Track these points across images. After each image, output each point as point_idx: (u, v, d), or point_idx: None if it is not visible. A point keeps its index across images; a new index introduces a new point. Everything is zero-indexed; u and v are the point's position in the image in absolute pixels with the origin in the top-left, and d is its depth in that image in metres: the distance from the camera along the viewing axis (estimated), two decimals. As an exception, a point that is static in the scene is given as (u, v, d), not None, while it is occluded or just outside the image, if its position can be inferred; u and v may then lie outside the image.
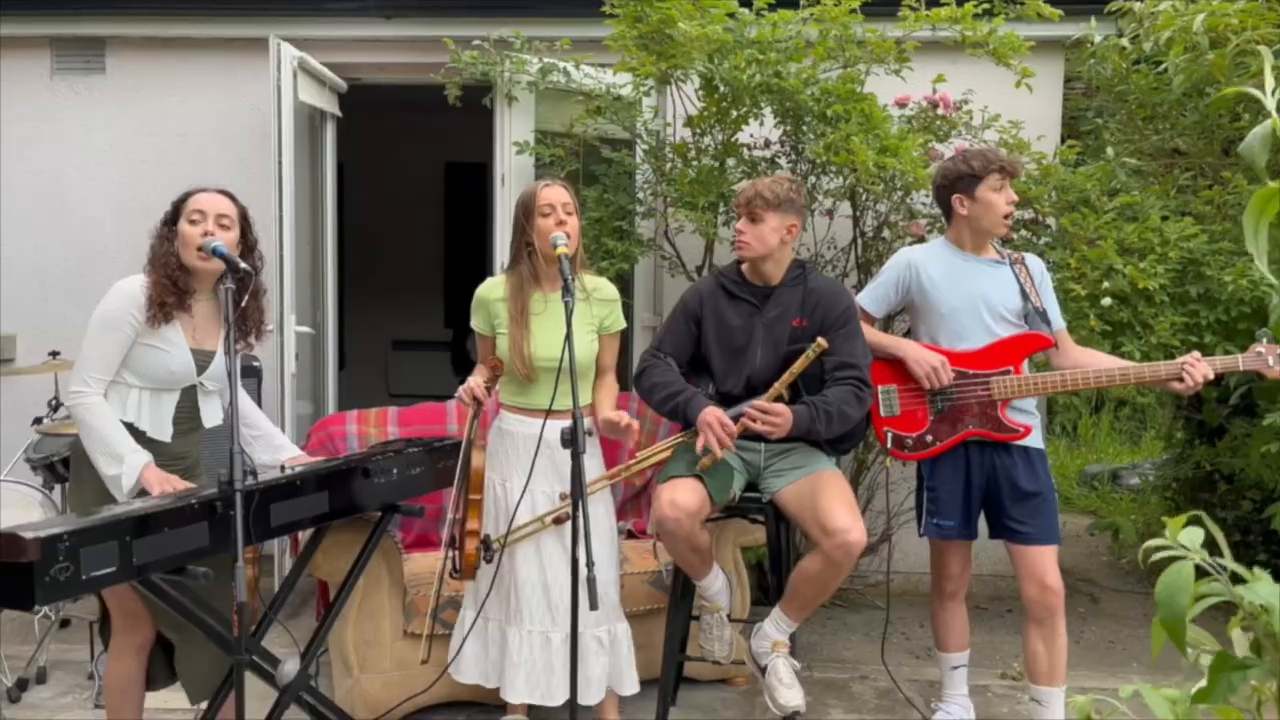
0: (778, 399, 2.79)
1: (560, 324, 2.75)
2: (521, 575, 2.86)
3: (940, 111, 3.83)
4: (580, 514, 2.46)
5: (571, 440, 2.49)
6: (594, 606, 2.38)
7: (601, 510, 2.91)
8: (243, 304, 2.56)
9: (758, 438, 2.86)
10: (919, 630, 4.16)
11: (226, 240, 2.56)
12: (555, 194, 2.82)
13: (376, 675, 3.19)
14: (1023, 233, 3.94)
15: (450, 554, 2.88)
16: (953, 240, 3.07)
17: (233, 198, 2.65)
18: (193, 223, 2.55)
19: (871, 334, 3.09)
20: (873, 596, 4.47)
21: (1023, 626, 3.04)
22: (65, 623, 3.95)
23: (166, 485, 2.49)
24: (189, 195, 2.60)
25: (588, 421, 2.87)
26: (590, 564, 2.39)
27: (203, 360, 2.65)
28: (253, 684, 2.50)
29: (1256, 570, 1.12)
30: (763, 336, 2.89)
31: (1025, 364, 3.00)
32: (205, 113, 4.69)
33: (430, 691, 3.13)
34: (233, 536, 2.15)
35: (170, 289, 2.52)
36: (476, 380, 2.83)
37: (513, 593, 2.87)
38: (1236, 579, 1.10)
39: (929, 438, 3.00)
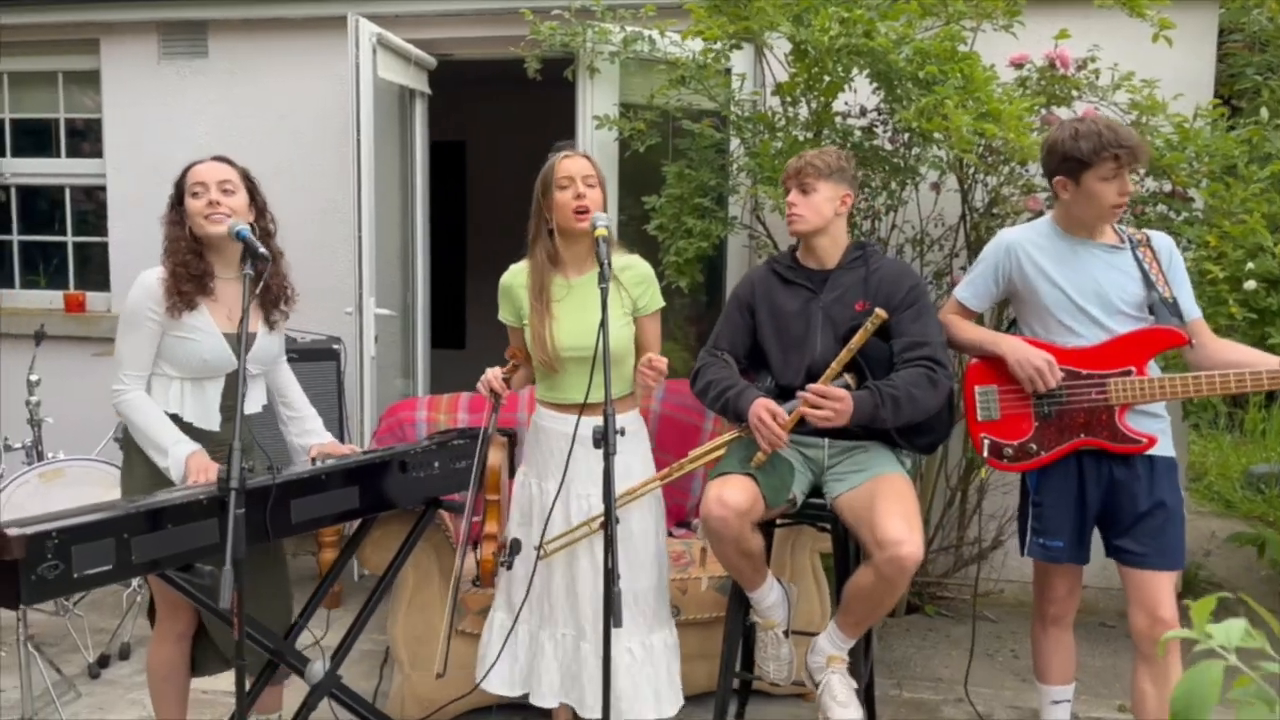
0: (836, 382, 2.50)
1: (584, 309, 2.57)
2: (555, 581, 2.67)
3: (1060, 71, 3.39)
4: (611, 522, 2.25)
5: (603, 439, 2.28)
6: (617, 624, 2.17)
7: (646, 512, 2.68)
8: (262, 282, 2.50)
9: (821, 432, 2.59)
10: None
11: (235, 205, 2.49)
12: (575, 165, 2.59)
13: (427, 672, 3.07)
14: (1159, 208, 3.47)
15: (474, 556, 2.73)
16: (1058, 220, 2.67)
17: (230, 162, 2.56)
18: (195, 195, 2.47)
19: (966, 329, 2.75)
20: (982, 607, 4.09)
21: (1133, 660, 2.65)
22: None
23: (201, 476, 2.42)
24: (186, 170, 2.52)
25: (629, 417, 2.66)
26: (615, 579, 2.19)
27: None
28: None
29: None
30: (822, 322, 2.61)
31: (1150, 363, 2.60)
32: (302, 94, 4.68)
33: (480, 691, 3.00)
34: (228, 538, 2.03)
35: (186, 276, 2.44)
36: (495, 371, 2.63)
37: (545, 598, 2.69)
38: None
39: (1032, 446, 2.64)
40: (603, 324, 2.34)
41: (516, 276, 2.73)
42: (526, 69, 3.93)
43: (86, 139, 5.12)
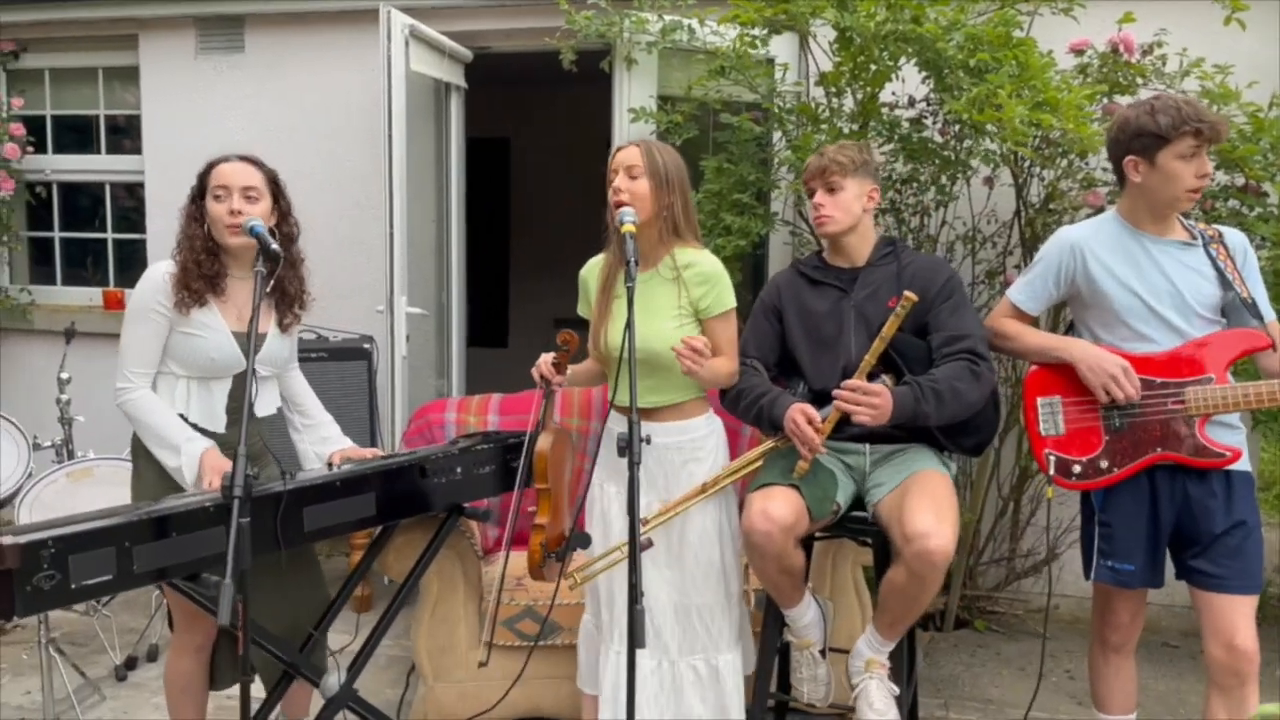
0: (871, 378, 2.36)
1: (649, 308, 2.43)
2: (615, 588, 2.54)
3: (1124, 57, 3.19)
4: (635, 537, 2.12)
5: (628, 447, 2.15)
6: (641, 644, 2.04)
7: (708, 521, 2.52)
8: (274, 280, 2.42)
9: (861, 437, 2.44)
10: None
11: (257, 213, 2.40)
12: (621, 156, 2.47)
13: (451, 684, 2.98)
14: (1230, 203, 3.25)
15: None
16: (1125, 213, 2.48)
17: (258, 164, 2.47)
18: (218, 199, 2.38)
19: (1027, 333, 2.57)
20: (1035, 623, 3.89)
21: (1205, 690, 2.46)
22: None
23: (215, 476, 2.33)
24: (211, 167, 2.43)
25: (698, 423, 2.53)
26: (639, 596, 2.05)
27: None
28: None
29: None
30: (854, 321, 2.46)
31: (1229, 370, 2.39)
32: (337, 88, 4.62)
33: (505, 703, 2.90)
34: (230, 549, 1.94)
35: (196, 273, 2.36)
36: (547, 357, 2.50)
37: (605, 607, 2.58)
38: None
39: (1103, 463, 2.44)
40: (628, 325, 2.21)
41: (592, 269, 2.64)
42: (561, 60, 3.81)
43: (128, 135, 5.11)
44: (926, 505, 2.26)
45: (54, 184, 5.20)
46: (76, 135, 5.19)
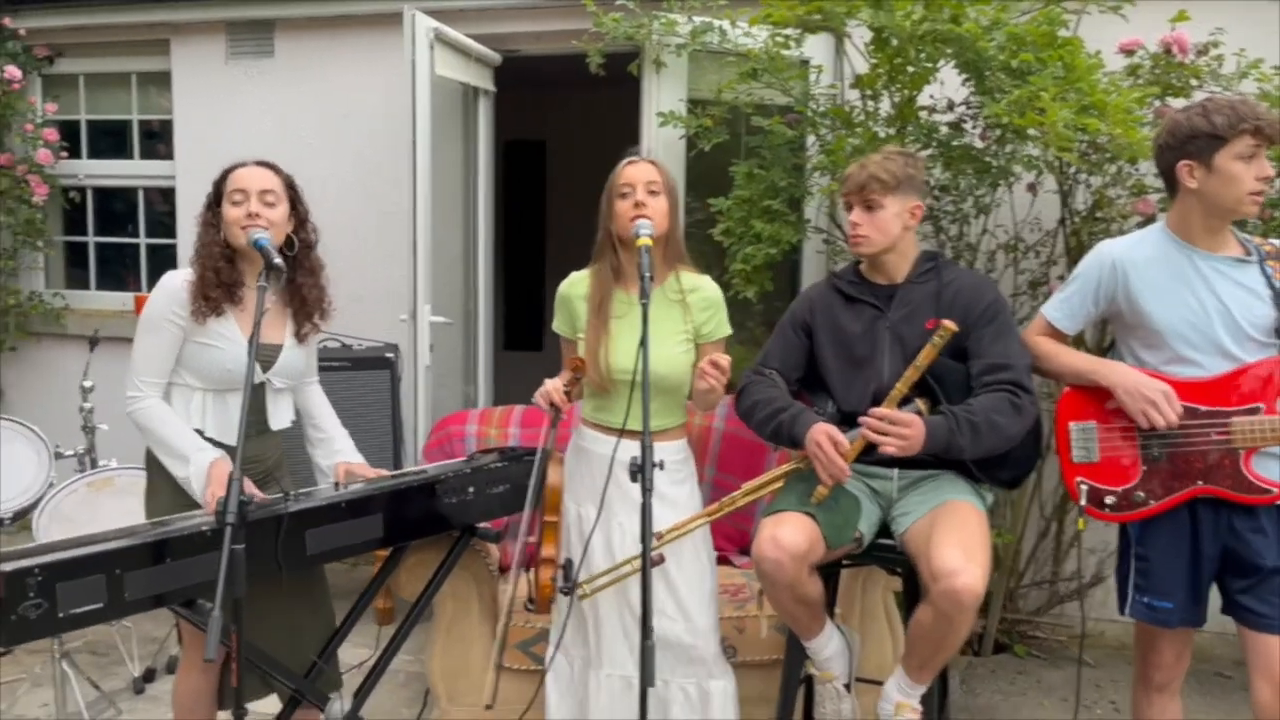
0: (904, 406, 2.22)
1: (654, 330, 2.33)
2: (602, 611, 2.46)
3: (1177, 58, 3.02)
4: (647, 566, 2.02)
5: (640, 472, 2.05)
6: (650, 682, 1.94)
7: (699, 548, 2.46)
8: (291, 288, 2.39)
9: (889, 461, 2.30)
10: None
11: (275, 217, 2.34)
12: (638, 171, 2.38)
13: (465, 709, 2.90)
14: (1282, 213, 3.07)
15: (528, 580, 2.53)
16: (1175, 226, 2.32)
17: (275, 168, 2.41)
18: (235, 204, 2.32)
19: (1062, 353, 2.42)
20: (1078, 649, 3.71)
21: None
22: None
23: (223, 488, 2.25)
24: (229, 172, 2.38)
25: (676, 446, 2.43)
26: (649, 633, 1.96)
27: (266, 355, 2.41)
28: None
29: None
30: (889, 343, 2.33)
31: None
32: (365, 92, 4.57)
33: (521, 730, 2.81)
34: (221, 576, 1.86)
35: (214, 282, 2.30)
36: (556, 383, 2.42)
37: (592, 630, 2.48)
38: None
39: (1140, 494, 2.30)
40: (642, 343, 2.14)
41: (575, 286, 2.54)
42: (589, 63, 3.71)
43: (162, 140, 5.11)
44: (954, 540, 2.12)
45: (88, 189, 5.21)
46: (111, 140, 5.20)
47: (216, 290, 2.32)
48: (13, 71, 4.75)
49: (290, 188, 2.44)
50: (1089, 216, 3.29)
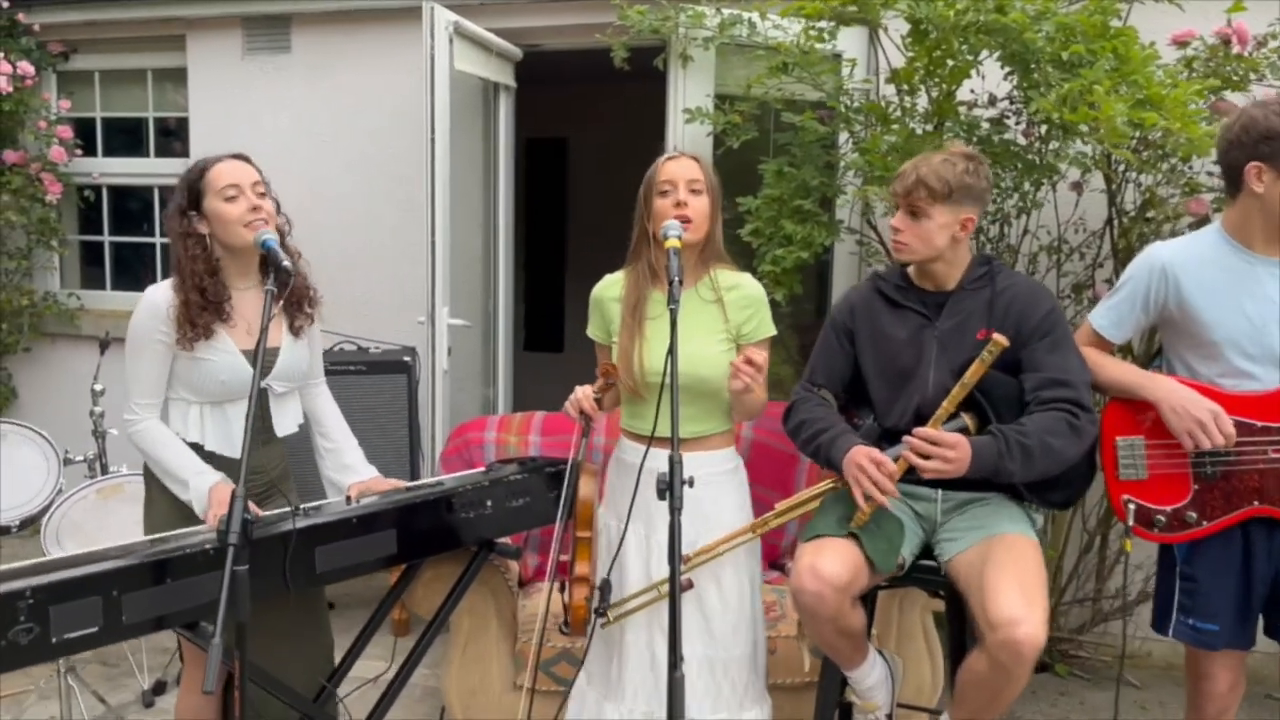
0: (950, 422, 2.07)
1: (692, 331, 2.23)
2: (628, 639, 2.32)
3: (1235, 49, 2.86)
4: (676, 590, 1.89)
5: (669, 488, 1.91)
6: (681, 717, 1.80)
7: (740, 567, 2.30)
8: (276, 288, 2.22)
9: (933, 482, 2.15)
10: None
11: (270, 210, 2.24)
12: (679, 168, 2.25)
13: (482, 729, 2.78)
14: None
15: (562, 599, 2.40)
16: (1232, 229, 2.17)
17: (249, 160, 2.29)
18: (230, 200, 2.20)
19: (1107, 364, 2.28)
20: (1126, 669, 3.56)
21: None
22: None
23: (224, 510, 2.15)
24: (205, 170, 2.25)
25: (724, 455, 2.30)
26: (679, 661, 1.82)
27: (265, 361, 2.28)
28: None
29: None
30: (936, 354, 2.17)
31: None
32: (382, 88, 4.45)
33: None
34: (223, 600, 1.75)
35: (200, 303, 2.17)
36: (586, 390, 2.27)
37: (616, 658, 2.35)
38: None
39: (1191, 514, 2.16)
40: (670, 350, 1.99)
41: (610, 288, 2.41)
42: (613, 58, 3.58)
43: (178, 138, 5.02)
44: (1012, 583, 1.96)
45: (103, 187, 5.12)
46: (126, 138, 5.11)
47: (204, 315, 2.19)
48: (26, 68, 4.66)
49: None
50: (1138, 217, 3.14)
